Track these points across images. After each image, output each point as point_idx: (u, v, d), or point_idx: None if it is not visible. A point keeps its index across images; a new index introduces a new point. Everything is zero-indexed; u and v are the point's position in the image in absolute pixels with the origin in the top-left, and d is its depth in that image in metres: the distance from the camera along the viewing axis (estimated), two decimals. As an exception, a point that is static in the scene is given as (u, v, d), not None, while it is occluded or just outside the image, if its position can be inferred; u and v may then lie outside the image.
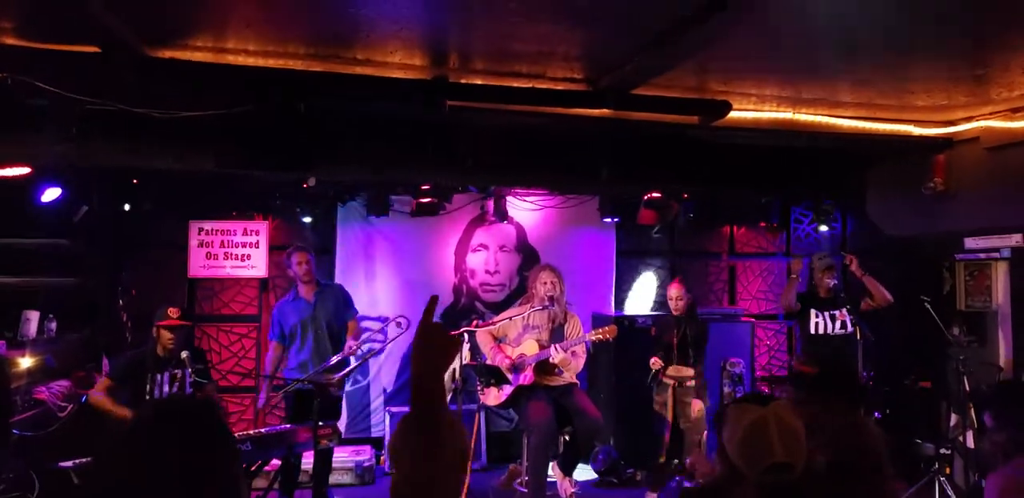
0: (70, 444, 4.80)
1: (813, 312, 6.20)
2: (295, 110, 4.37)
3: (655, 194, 6.67)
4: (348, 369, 5.47)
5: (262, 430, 5.31)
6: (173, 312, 4.91)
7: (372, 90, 4.36)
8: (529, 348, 5.58)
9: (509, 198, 7.17)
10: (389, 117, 5.15)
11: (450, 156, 5.33)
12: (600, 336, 5.43)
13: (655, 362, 5.77)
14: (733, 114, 4.91)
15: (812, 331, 6.21)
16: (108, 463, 1.55)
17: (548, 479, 5.53)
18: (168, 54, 4.04)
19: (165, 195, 6.33)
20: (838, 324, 6.14)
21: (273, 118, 4.39)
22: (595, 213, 7.38)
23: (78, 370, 5.81)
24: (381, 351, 6.50)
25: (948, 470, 6.03)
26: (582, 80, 4.57)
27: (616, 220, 7.35)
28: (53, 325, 5.93)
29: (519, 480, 5.83)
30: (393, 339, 5.90)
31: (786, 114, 5.21)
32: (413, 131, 5.24)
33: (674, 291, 6.01)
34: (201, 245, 6.79)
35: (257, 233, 6.87)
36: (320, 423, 4.84)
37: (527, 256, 7.44)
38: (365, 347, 6.37)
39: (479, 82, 4.50)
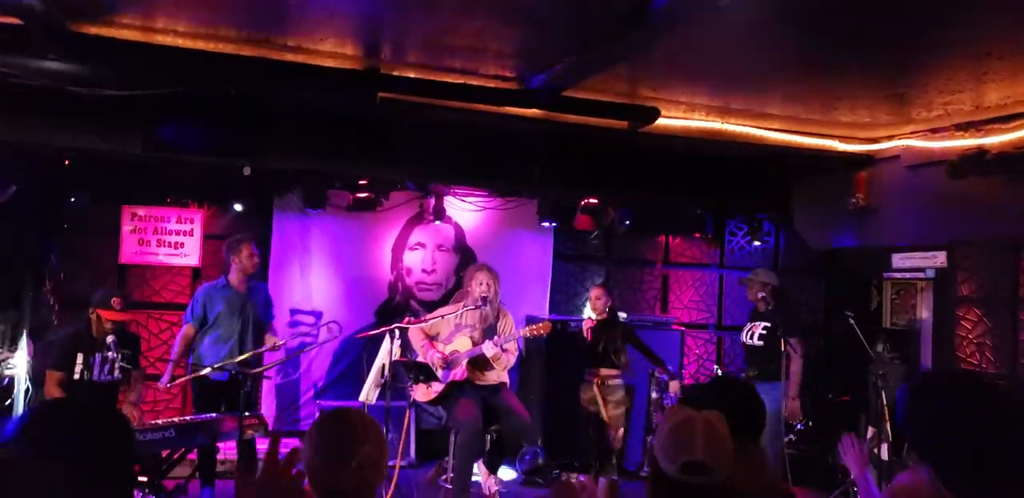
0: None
1: (746, 325, 6.37)
2: (226, 95, 4.36)
3: (592, 200, 6.75)
4: (272, 363, 5.44)
5: (187, 418, 5.30)
6: (116, 303, 4.84)
7: (303, 78, 4.37)
8: (462, 344, 5.59)
9: (449, 198, 7.19)
10: (325, 108, 5.16)
11: (385, 150, 5.36)
12: (534, 332, 5.45)
13: None
14: (663, 121, 5.02)
15: (741, 339, 6.41)
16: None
17: (473, 477, 5.54)
18: (94, 30, 4.01)
19: (98, 178, 6.22)
20: (748, 335, 6.28)
21: (204, 102, 4.38)
22: (534, 216, 7.41)
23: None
24: (311, 345, 6.43)
25: (863, 481, 6.15)
26: (514, 79, 4.65)
27: (554, 224, 7.40)
28: (-25, 307, 5.83)
29: (445, 477, 5.84)
30: (323, 342, 5.90)
31: (715, 124, 5.34)
32: (349, 124, 5.27)
33: (594, 291, 6.11)
34: (134, 231, 6.69)
35: (192, 221, 6.80)
36: (246, 413, 4.83)
37: (464, 256, 7.47)
38: (297, 341, 6.36)
39: (411, 75, 4.55)
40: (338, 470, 1.93)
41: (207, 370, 5.17)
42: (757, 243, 7.73)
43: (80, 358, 4.82)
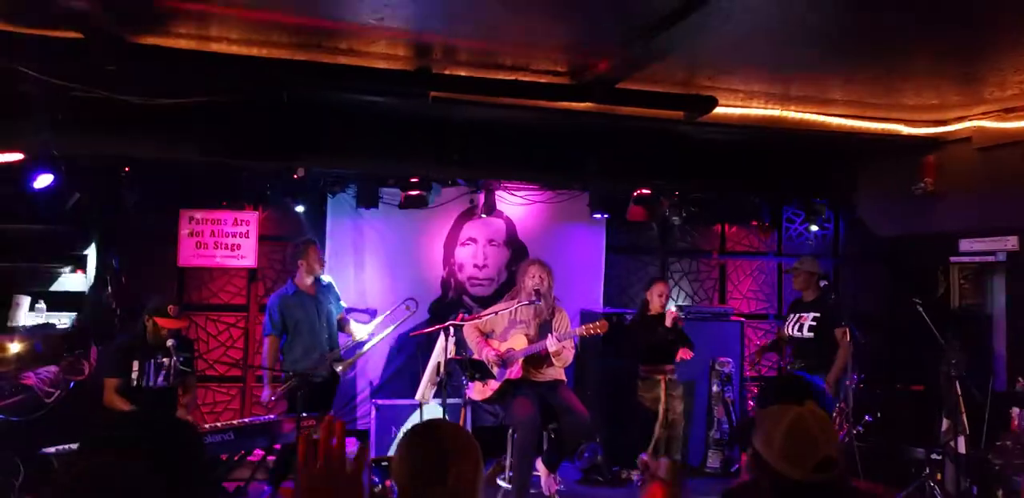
0: (56, 430, 4.81)
1: (791, 315, 6.24)
2: (279, 99, 4.36)
3: (645, 191, 6.64)
4: (360, 351, 5.78)
5: (245, 420, 5.36)
6: (172, 310, 4.92)
7: (355, 80, 4.36)
8: (517, 342, 5.55)
9: (499, 192, 7.15)
10: (376, 109, 5.16)
11: (437, 148, 5.34)
12: (591, 331, 5.39)
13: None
14: (720, 110, 4.89)
15: (785, 331, 6.28)
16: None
17: (533, 474, 5.51)
18: (151, 41, 4.05)
19: (156, 184, 6.31)
20: (796, 327, 6.12)
21: (257, 107, 4.38)
22: (585, 209, 7.33)
23: (67, 356, 5.82)
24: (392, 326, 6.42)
25: (939, 476, 5.98)
26: (566, 73, 4.56)
27: (606, 216, 7.30)
28: (43, 311, 5.96)
29: (503, 475, 5.82)
30: (402, 320, 5.97)
31: (774, 111, 5.19)
32: (400, 123, 5.25)
33: (659, 289, 6.08)
34: (191, 234, 6.79)
35: (247, 223, 6.87)
36: (304, 414, 4.86)
37: (516, 251, 7.42)
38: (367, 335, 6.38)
39: (463, 74, 4.49)
40: (430, 491, 1.79)
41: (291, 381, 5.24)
42: (815, 228, 7.53)
43: (136, 365, 4.91)
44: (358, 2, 3.58)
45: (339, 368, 5.73)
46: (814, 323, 6.02)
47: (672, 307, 6.09)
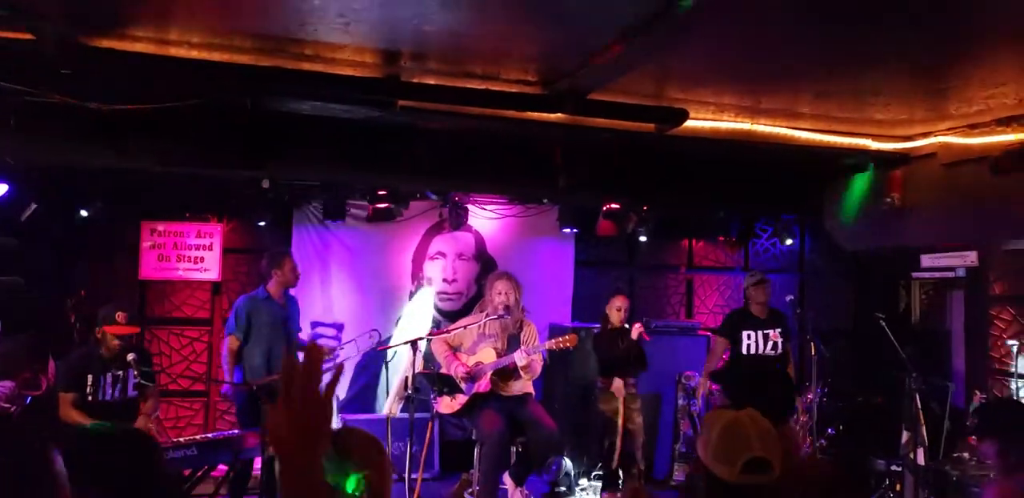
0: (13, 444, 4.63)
1: (745, 333, 6.05)
2: (243, 107, 4.27)
3: (614, 205, 6.65)
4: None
5: (208, 435, 5.23)
6: (121, 317, 4.74)
7: (321, 87, 4.28)
8: (486, 356, 5.51)
9: (469, 206, 7.10)
10: (343, 118, 5.07)
11: (406, 159, 5.28)
12: (560, 345, 5.35)
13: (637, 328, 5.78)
14: (691, 123, 4.90)
15: (743, 351, 6.06)
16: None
17: (500, 488, 5.45)
18: (107, 44, 3.93)
19: (117, 194, 6.18)
20: (769, 345, 6.08)
21: (220, 115, 4.29)
22: (555, 223, 7.33)
23: (23, 372, 5.61)
24: (334, 358, 6.40)
25: (899, 487, 6.03)
26: (537, 83, 4.54)
27: (575, 231, 7.31)
28: (-3, 326, 5.78)
29: (471, 489, 5.74)
30: (365, 352, 5.89)
31: (744, 125, 5.22)
32: (368, 133, 5.19)
33: (618, 302, 6.02)
34: (153, 246, 6.64)
35: (211, 235, 6.74)
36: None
37: (485, 265, 7.36)
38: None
39: (432, 82, 4.45)
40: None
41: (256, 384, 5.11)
42: (789, 242, 7.61)
43: (90, 379, 4.75)
44: (324, 5, 3.52)
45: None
46: (780, 339, 6.02)
47: (638, 322, 6.04)
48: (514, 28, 3.78)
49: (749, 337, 6.04)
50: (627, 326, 5.99)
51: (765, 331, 6.03)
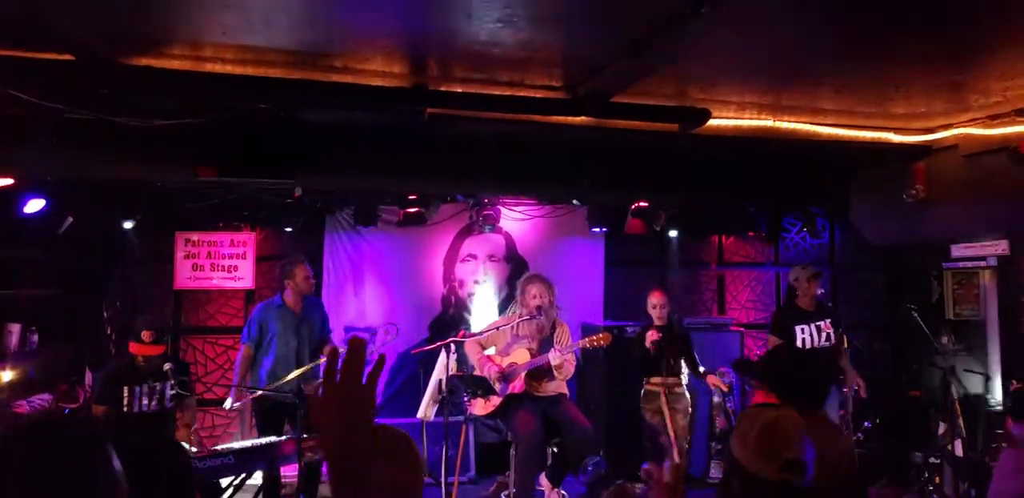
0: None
1: (798, 328, 5.93)
2: (275, 119, 4.37)
3: (642, 204, 6.67)
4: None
5: (246, 443, 5.30)
6: (147, 336, 4.78)
7: (351, 98, 4.36)
8: (519, 357, 5.53)
9: (498, 207, 7.16)
10: (373, 126, 5.17)
11: (434, 164, 5.34)
12: (593, 343, 5.36)
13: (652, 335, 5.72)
14: (713, 122, 4.92)
15: (800, 346, 5.92)
16: None
17: (537, 489, 5.46)
18: (144, 62, 4.04)
19: (151, 206, 6.30)
20: (823, 336, 6.03)
21: (252, 127, 4.39)
22: (584, 223, 7.37)
23: (60, 383, 5.73)
24: (371, 350, 6.45)
25: (938, 479, 6.00)
26: (561, 88, 4.58)
27: (604, 230, 7.33)
28: (35, 338, 5.91)
29: (507, 492, 5.78)
30: (383, 345, 5.89)
31: (766, 122, 5.23)
32: (397, 140, 5.26)
33: (656, 299, 5.93)
34: (187, 256, 6.77)
35: (244, 244, 6.86)
36: (305, 435, 4.80)
37: (516, 266, 7.42)
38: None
39: (459, 90, 4.51)
40: (353, 490, 1.74)
41: (259, 391, 5.16)
42: (819, 236, 7.60)
43: (125, 391, 4.81)
44: (352, 20, 3.59)
45: (308, 386, 5.43)
46: (832, 329, 5.98)
47: (653, 329, 5.97)
48: (535, 36, 3.82)
49: (803, 331, 5.95)
50: (663, 325, 5.93)
51: (817, 323, 5.97)
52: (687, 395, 6.00)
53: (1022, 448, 3.05)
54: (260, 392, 5.32)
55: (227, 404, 5.58)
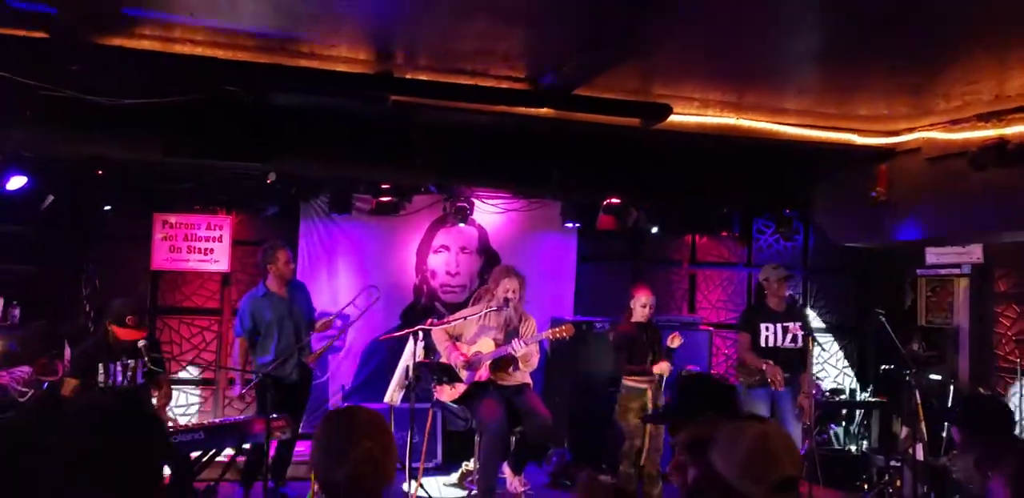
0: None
1: (763, 325, 6.05)
2: (242, 101, 4.47)
3: (614, 200, 6.73)
4: (327, 344, 5.96)
5: (215, 420, 5.40)
6: (131, 321, 4.89)
7: (316, 83, 4.46)
8: (485, 346, 5.62)
9: (472, 200, 7.24)
10: (344, 113, 5.25)
11: (403, 154, 5.43)
12: (556, 335, 5.44)
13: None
14: (676, 118, 5.00)
15: (762, 344, 6.05)
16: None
17: (500, 477, 5.56)
18: (116, 41, 4.16)
19: (130, 187, 6.39)
20: (788, 337, 6.10)
21: (222, 109, 4.49)
22: (557, 217, 7.43)
23: (40, 357, 5.86)
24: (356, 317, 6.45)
25: (898, 482, 6.06)
26: (523, 79, 4.68)
27: (578, 225, 7.39)
28: (16, 312, 6.03)
29: (471, 478, 5.87)
30: (367, 308, 6.04)
31: (729, 119, 5.31)
32: (366, 128, 5.35)
33: (645, 298, 5.82)
34: (165, 238, 6.86)
35: (221, 227, 6.95)
36: (273, 415, 4.90)
37: (489, 258, 7.51)
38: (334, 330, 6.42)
39: (423, 78, 4.61)
40: (335, 464, 1.87)
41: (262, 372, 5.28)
42: (792, 238, 7.66)
43: (100, 367, 4.91)
44: (319, 6, 3.69)
45: (308, 358, 5.83)
46: (801, 332, 6.04)
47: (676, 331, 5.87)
48: (496, 27, 3.91)
49: (768, 329, 6.06)
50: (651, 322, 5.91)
51: (784, 324, 6.05)
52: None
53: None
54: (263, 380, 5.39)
55: (235, 391, 5.90)
